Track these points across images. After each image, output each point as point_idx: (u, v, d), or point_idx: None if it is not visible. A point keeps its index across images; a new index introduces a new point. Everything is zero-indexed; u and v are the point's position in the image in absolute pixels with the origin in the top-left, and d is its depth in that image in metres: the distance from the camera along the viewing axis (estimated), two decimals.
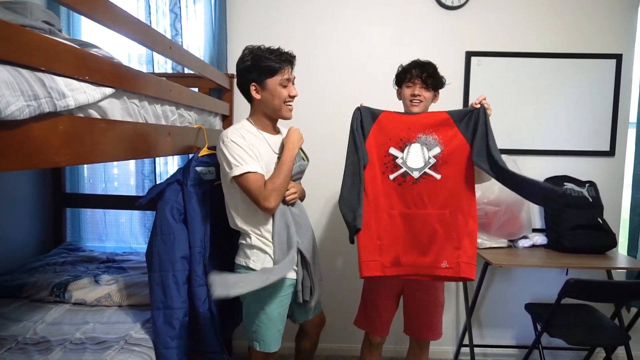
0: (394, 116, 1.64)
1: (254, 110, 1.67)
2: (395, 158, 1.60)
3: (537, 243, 2.41)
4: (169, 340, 1.53)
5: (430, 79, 1.73)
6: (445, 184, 1.59)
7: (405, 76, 1.77)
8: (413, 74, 1.74)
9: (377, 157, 1.62)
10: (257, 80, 1.58)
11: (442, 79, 1.78)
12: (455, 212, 1.59)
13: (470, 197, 1.59)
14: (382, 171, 1.61)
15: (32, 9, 1.17)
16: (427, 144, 1.61)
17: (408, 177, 1.60)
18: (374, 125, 1.63)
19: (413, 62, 1.78)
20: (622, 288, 2.03)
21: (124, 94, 1.22)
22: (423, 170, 1.59)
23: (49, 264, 2.18)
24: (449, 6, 2.49)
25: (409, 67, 1.77)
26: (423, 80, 1.73)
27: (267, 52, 1.60)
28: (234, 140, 1.52)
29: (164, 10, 2.48)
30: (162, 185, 1.64)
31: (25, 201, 2.45)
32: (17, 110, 0.77)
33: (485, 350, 2.64)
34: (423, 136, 1.61)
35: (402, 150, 1.61)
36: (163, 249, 1.56)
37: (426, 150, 1.60)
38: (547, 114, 2.52)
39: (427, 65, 1.75)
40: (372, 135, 1.63)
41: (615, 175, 2.54)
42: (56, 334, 1.59)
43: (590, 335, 2.12)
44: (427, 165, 1.59)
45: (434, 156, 1.59)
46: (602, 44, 2.48)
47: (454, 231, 1.59)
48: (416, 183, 1.59)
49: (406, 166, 1.60)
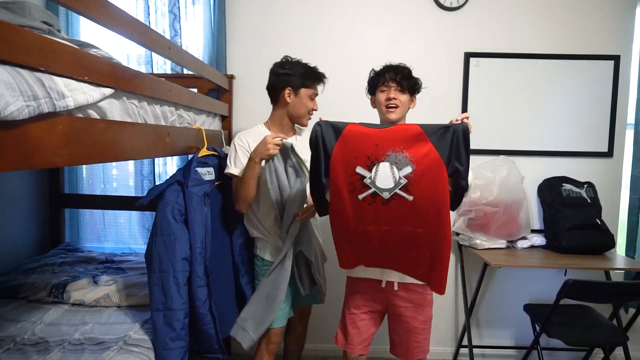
0: (359, 130, 1.43)
1: (276, 112, 1.84)
2: (363, 178, 1.43)
3: (536, 244, 2.42)
4: (169, 342, 1.52)
5: (405, 81, 1.62)
6: (418, 206, 1.42)
7: (378, 80, 1.66)
8: (387, 77, 1.63)
9: (343, 177, 1.44)
10: (294, 87, 1.76)
11: (418, 81, 1.67)
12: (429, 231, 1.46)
13: (444, 218, 1.44)
14: (350, 190, 1.45)
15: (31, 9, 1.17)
16: (397, 162, 1.41)
17: (378, 198, 1.43)
18: (338, 141, 1.43)
19: (386, 66, 1.67)
20: (620, 288, 2.03)
21: (123, 94, 1.22)
22: (393, 191, 1.41)
23: (47, 264, 2.17)
24: (447, 7, 2.49)
25: (382, 71, 1.66)
26: (398, 82, 1.61)
27: (309, 67, 1.79)
28: (235, 142, 1.76)
29: (163, 10, 2.48)
30: (162, 186, 1.64)
31: (23, 201, 2.45)
32: (16, 111, 0.77)
33: (484, 351, 2.64)
34: (392, 154, 1.41)
35: (369, 170, 1.42)
36: (163, 249, 1.56)
37: (396, 169, 1.40)
38: (546, 115, 2.52)
39: (401, 67, 1.65)
40: (337, 153, 1.43)
41: (613, 176, 2.55)
42: (55, 335, 1.58)
43: (589, 336, 2.12)
44: (397, 186, 1.41)
45: (405, 176, 1.40)
46: (600, 45, 2.49)
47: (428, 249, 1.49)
48: (387, 204, 1.43)
49: (375, 186, 1.42)
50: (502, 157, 2.46)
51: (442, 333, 2.65)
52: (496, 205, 2.31)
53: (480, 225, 2.35)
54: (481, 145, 2.53)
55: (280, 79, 1.77)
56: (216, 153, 1.82)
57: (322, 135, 1.43)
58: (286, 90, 1.77)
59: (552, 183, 2.48)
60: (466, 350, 2.44)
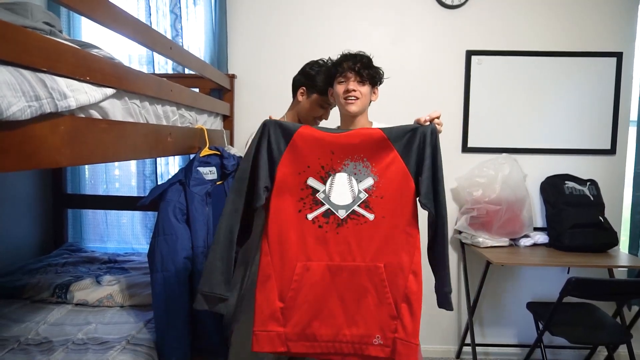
0: (313, 135, 1.23)
1: (291, 109, 1.86)
2: (316, 192, 1.22)
3: (539, 242, 2.41)
4: (172, 341, 1.53)
5: (365, 71, 1.47)
6: (379, 227, 1.21)
7: (336, 71, 1.51)
8: (344, 67, 1.48)
9: (290, 190, 1.23)
10: (308, 88, 1.75)
11: (379, 70, 1.53)
12: (392, 265, 1.21)
13: (412, 243, 1.21)
14: (298, 209, 1.23)
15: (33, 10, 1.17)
16: (356, 173, 1.23)
17: (332, 217, 1.22)
18: (288, 147, 1.23)
19: (343, 55, 1.53)
20: (624, 286, 2.03)
21: (125, 94, 1.22)
22: (351, 208, 1.22)
23: (50, 264, 2.18)
24: (449, 5, 2.48)
25: (339, 61, 1.51)
26: (357, 72, 1.46)
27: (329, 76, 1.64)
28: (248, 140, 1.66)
29: (164, 11, 2.48)
30: (164, 186, 1.64)
31: (26, 202, 2.45)
32: (18, 111, 0.77)
33: (487, 349, 2.64)
34: (351, 163, 1.23)
35: (323, 182, 1.23)
36: (165, 249, 1.56)
37: (355, 182, 1.22)
38: (548, 113, 2.51)
39: (359, 55, 1.51)
40: (285, 161, 1.23)
41: (616, 173, 2.54)
42: (58, 335, 1.59)
43: (592, 334, 2.11)
44: (356, 201, 1.22)
45: (366, 189, 1.22)
46: (603, 42, 2.48)
47: (389, 292, 1.20)
48: (342, 225, 1.22)
49: (329, 202, 1.22)
50: (504, 155, 2.46)
51: (445, 331, 2.65)
52: (499, 203, 2.30)
53: (483, 224, 2.34)
54: (483, 143, 2.52)
55: (301, 76, 1.78)
56: (218, 152, 1.82)
57: (269, 136, 1.23)
58: (300, 89, 1.78)
59: (554, 181, 2.47)
60: (469, 348, 2.43)
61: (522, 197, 2.37)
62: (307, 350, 1.24)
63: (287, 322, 1.23)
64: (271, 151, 1.24)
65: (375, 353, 1.22)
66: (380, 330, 1.21)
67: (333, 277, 1.23)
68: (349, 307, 1.23)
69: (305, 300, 1.23)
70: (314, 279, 1.22)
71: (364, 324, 1.22)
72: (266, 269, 1.24)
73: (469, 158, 2.51)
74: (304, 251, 1.23)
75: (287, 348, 1.23)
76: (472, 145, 2.53)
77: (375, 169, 1.23)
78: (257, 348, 1.23)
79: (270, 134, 1.24)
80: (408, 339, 1.20)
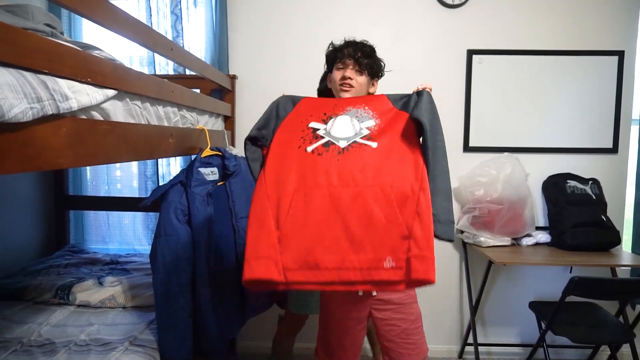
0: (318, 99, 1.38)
1: None
2: (316, 130, 1.23)
3: (541, 241, 2.40)
4: (174, 342, 1.53)
5: (365, 60, 1.43)
6: (383, 153, 1.18)
7: (335, 56, 1.47)
8: (345, 52, 1.44)
9: (291, 133, 1.25)
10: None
11: (380, 62, 1.49)
12: (399, 184, 1.14)
13: (416, 161, 1.18)
14: (298, 145, 1.22)
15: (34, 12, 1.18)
16: (358, 116, 1.25)
17: (332, 147, 1.20)
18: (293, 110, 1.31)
19: (346, 41, 1.49)
20: (627, 285, 2.02)
21: (126, 95, 1.23)
22: (353, 139, 1.21)
23: (52, 266, 2.18)
24: (449, 4, 2.48)
25: (341, 46, 1.47)
26: (356, 60, 1.42)
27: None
28: None
29: (165, 12, 2.48)
30: (165, 187, 1.65)
31: (28, 204, 2.46)
32: (20, 113, 0.77)
33: (489, 348, 2.63)
34: (353, 109, 1.27)
35: (324, 123, 1.24)
36: (167, 250, 1.56)
37: (357, 121, 1.24)
38: (550, 112, 2.51)
39: (361, 43, 1.46)
40: (288, 120, 1.29)
41: (618, 172, 2.53)
42: (61, 336, 1.59)
43: (595, 333, 2.11)
44: (358, 135, 1.21)
45: (367, 127, 1.23)
46: (604, 40, 2.47)
47: (399, 212, 1.12)
48: (342, 153, 1.18)
49: (330, 136, 1.21)
50: (506, 155, 2.45)
51: (447, 331, 2.65)
52: (500, 202, 2.30)
53: (485, 223, 2.34)
54: (485, 142, 2.52)
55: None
56: (220, 153, 1.82)
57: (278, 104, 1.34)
58: None
59: (556, 180, 2.46)
60: (472, 348, 2.43)
61: (524, 196, 2.37)
62: (307, 279, 1.11)
63: (284, 250, 1.11)
64: (278, 112, 1.32)
65: (387, 277, 1.11)
66: (392, 252, 1.11)
67: (335, 202, 1.13)
68: (354, 232, 1.12)
69: (304, 225, 1.12)
70: (314, 204, 1.13)
71: (372, 248, 1.11)
72: (261, 199, 1.16)
73: (471, 157, 2.51)
74: (302, 179, 1.17)
75: (285, 278, 1.10)
76: (473, 144, 2.53)
77: (376, 114, 1.27)
78: (248, 275, 1.09)
79: (280, 102, 1.35)
80: (422, 253, 1.09)
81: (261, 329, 2.58)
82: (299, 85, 2.54)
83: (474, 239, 2.38)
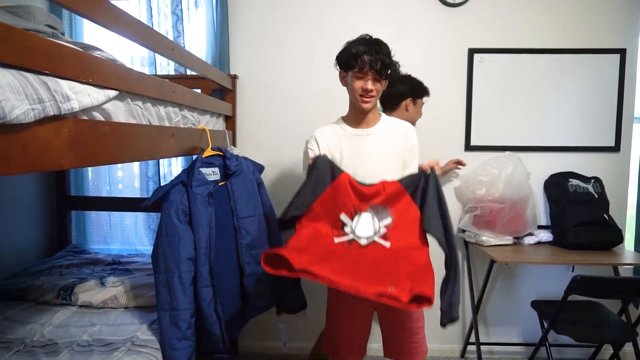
0: (350, 183, 1.50)
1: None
2: (344, 225, 1.46)
3: (543, 240, 2.40)
4: (175, 342, 1.53)
5: (386, 69, 1.46)
6: (394, 252, 1.41)
7: (354, 61, 1.46)
8: (365, 61, 1.44)
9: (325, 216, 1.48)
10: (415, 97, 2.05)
11: (397, 65, 1.52)
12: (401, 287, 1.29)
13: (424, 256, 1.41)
14: (329, 231, 1.47)
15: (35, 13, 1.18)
16: (378, 213, 1.47)
17: (355, 243, 1.43)
18: (332, 184, 1.48)
19: (362, 44, 1.46)
20: (629, 284, 2.01)
21: (127, 96, 1.23)
22: (372, 238, 1.43)
23: (54, 266, 2.18)
24: (450, 3, 2.48)
25: (360, 52, 1.44)
26: (377, 71, 1.45)
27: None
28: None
29: (166, 12, 2.49)
30: (166, 187, 1.65)
31: (30, 204, 2.46)
32: (21, 114, 0.77)
33: (491, 348, 2.63)
34: (375, 206, 1.48)
35: (352, 218, 1.46)
36: (168, 250, 1.56)
37: (377, 220, 1.46)
38: (551, 110, 2.50)
39: (380, 50, 1.45)
40: (325, 196, 1.48)
41: (620, 170, 2.53)
42: (63, 337, 1.59)
43: (597, 332, 2.10)
44: (377, 234, 1.44)
45: (385, 226, 1.45)
46: (606, 38, 2.46)
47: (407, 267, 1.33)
48: (362, 248, 1.42)
49: (354, 235, 1.45)
50: (507, 153, 2.45)
51: (449, 330, 2.64)
52: (502, 201, 2.30)
53: (487, 222, 2.34)
54: (486, 141, 2.52)
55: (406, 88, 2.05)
56: (221, 153, 1.82)
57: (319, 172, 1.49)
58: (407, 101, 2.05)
59: (558, 179, 2.46)
60: (474, 347, 2.43)
61: (526, 195, 2.36)
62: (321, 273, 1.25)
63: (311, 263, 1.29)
64: (318, 180, 1.48)
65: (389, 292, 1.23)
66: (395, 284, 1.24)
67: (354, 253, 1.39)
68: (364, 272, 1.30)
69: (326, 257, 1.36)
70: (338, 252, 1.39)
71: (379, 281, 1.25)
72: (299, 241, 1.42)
73: (472, 156, 2.50)
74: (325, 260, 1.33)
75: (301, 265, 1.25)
76: (475, 143, 2.52)
77: (393, 210, 1.46)
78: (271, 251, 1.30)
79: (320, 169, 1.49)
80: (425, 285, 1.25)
81: (262, 329, 2.58)
82: (299, 85, 2.55)
83: (475, 238, 2.38)
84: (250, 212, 1.84)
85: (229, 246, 1.77)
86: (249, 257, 1.82)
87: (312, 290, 1.93)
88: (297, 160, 2.57)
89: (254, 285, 1.84)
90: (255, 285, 1.85)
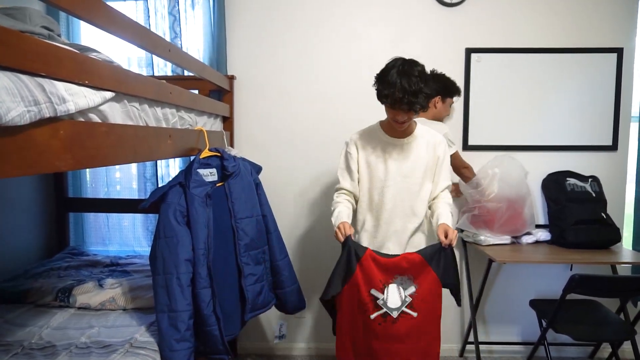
0: (376, 258, 1.68)
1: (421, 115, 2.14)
2: (377, 299, 1.63)
3: (541, 239, 2.40)
4: (174, 343, 1.53)
5: (414, 106, 1.57)
6: (420, 321, 1.65)
7: (386, 100, 1.61)
8: (397, 99, 1.56)
9: (358, 297, 1.66)
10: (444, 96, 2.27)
11: (429, 97, 1.62)
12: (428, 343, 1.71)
13: (437, 332, 1.74)
14: (364, 311, 1.65)
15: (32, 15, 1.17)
16: (402, 283, 1.65)
17: (388, 317, 1.63)
18: (358, 264, 1.66)
19: (401, 92, 1.53)
20: (627, 283, 2.02)
21: (124, 97, 1.22)
22: (401, 309, 1.63)
23: (52, 268, 2.18)
24: (447, 3, 2.48)
25: (397, 97, 1.55)
26: (411, 108, 1.59)
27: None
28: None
29: (163, 13, 2.48)
30: (164, 188, 1.64)
31: (28, 206, 2.46)
32: (17, 116, 0.77)
33: (490, 347, 2.63)
34: (399, 277, 1.66)
35: (382, 292, 1.64)
36: (166, 251, 1.56)
37: (402, 289, 1.64)
38: (549, 110, 2.51)
39: (410, 82, 1.53)
40: (358, 273, 1.66)
41: (618, 169, 2.53)
42: (61, 339, 1.59)
43: (596, 331, 2.11)
44: (404, 304, 1.63)
45: (410, 295, 1.64)
46: (603, 37, 2.47)
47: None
48: (395, 322, 1.63)
49: (386, 307, 1.63)
50: (505, 153, 2.45)
51: (448, 329, 2.65)
52: (500, 201, 2.30)
53: (485, 222, 2.34)
54: (484, 141, 2.52)
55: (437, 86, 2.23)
56: (219, 154, 1.82)
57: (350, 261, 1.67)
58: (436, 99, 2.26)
59: (556, 178, 2.46)
60: (472, 346, 2.43)
61: (524, 194, 2.36)
62: None
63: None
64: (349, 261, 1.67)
65: None
66: None
67: (387, 353, 1.67)
68: None
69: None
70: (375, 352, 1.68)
71: None
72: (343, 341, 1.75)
73: (470, 156, 2.50)
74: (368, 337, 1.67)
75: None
76: (472, 143, 2.53)
77: (416, 280, 1.66)
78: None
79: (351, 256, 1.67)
80: None
81: (261, 329, 2.58)
82: (297, 86, 2.54)
83: (474, 238, 2.38)
84: (248, 213, 1.84)
85: (227, 247, 1.77)
86: (247, 258, 1.82)
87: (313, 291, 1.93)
88: (295, 161, 2.57)
89: (252, 286, 1.85)
90: (254, 285, 1.85)
